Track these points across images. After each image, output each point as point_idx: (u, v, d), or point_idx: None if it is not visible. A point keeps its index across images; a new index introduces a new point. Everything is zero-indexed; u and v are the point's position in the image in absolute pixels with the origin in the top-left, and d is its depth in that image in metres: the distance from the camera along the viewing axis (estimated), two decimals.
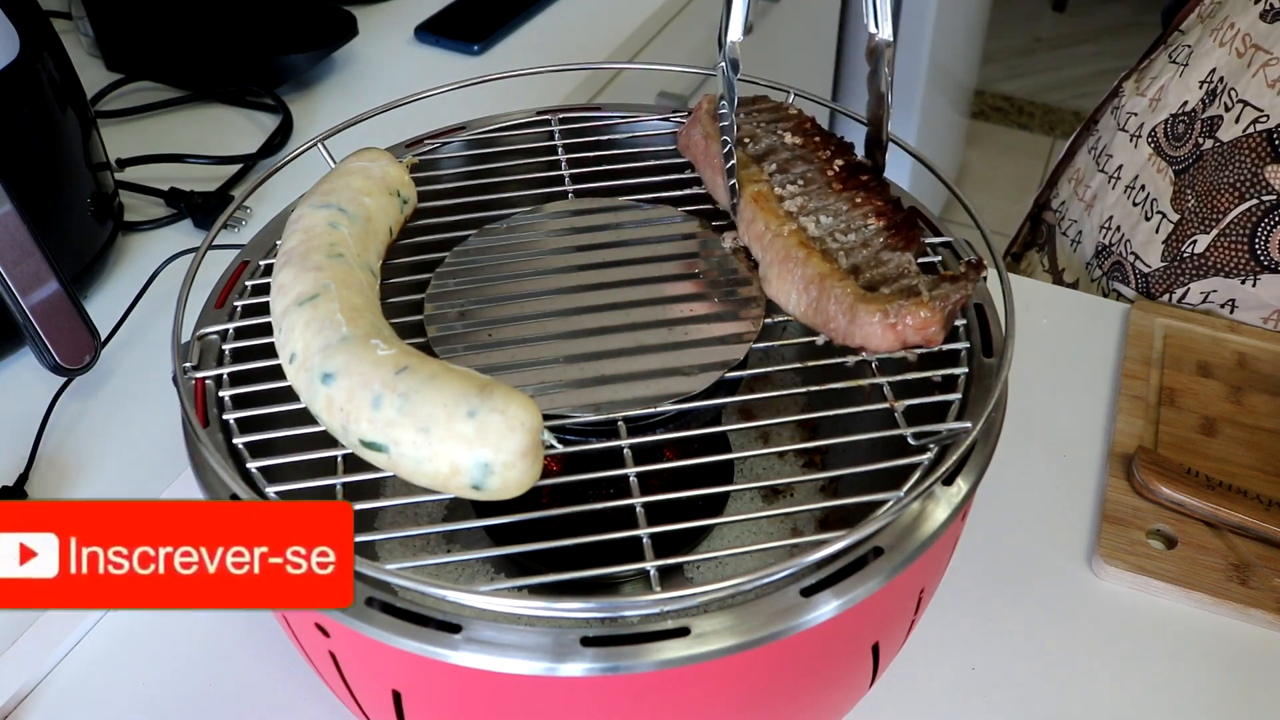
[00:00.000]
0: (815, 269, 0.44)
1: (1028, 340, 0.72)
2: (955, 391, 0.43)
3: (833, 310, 0.43)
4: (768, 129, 0.53)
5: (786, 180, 0.49)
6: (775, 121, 0.53)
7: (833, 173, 0.49)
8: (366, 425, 0.37)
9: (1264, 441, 0.64)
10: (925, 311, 0.42)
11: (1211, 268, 0.75)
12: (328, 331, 0.39)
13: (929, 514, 0.39)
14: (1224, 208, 0.74)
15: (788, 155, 0.51)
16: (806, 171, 0.50)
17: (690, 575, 0.52)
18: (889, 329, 0.42)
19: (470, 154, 0.59)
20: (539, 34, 1.09)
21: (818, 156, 0.51)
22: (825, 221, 0.47)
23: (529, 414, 0.36)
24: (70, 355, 0.66)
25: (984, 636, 0.55)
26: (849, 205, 0.48)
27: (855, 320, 0.43)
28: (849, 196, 0.48)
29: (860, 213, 0.47)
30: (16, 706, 0.52)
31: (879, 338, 0.42)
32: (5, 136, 0.69)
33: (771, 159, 0.50)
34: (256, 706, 0.52)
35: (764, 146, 0.51)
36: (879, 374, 0.44)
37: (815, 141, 0.52)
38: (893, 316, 0.42)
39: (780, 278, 0.46)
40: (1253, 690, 0.53)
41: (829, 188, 0.49)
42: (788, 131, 0.52)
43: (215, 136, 0.92)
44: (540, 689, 0.37)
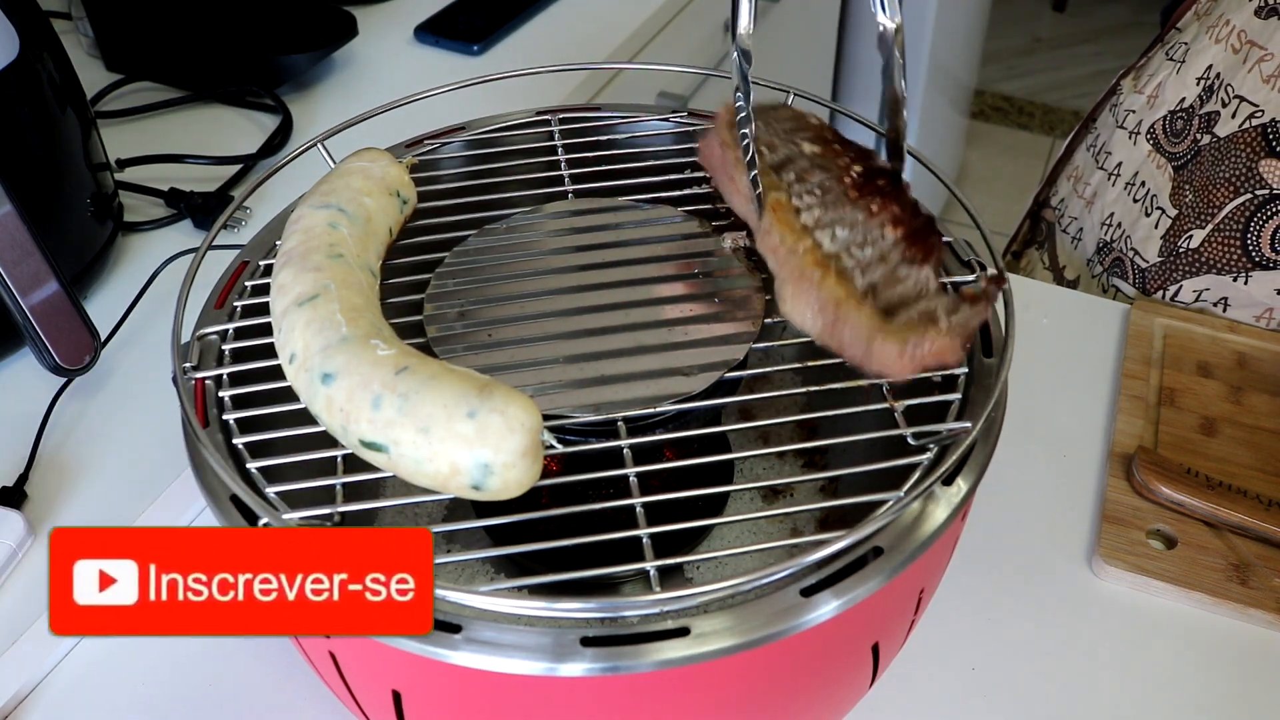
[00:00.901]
0: (831, 292, 0.43)
1: (1028, 340, 0.72)
2: (955, 391, 0.43)
3: (849, 338, 0.43)
4: (786, 138, 0.51)
5: (804, 190, 0.48)
6: (794, 131, 0.52)
7: (850, 179, 0.48)
8: (366, 425, 0.37)
9: (1264, 441, 0.64)
10: (943, 341, 0.41)
11: (1205, 263, 0.75)
12: (328, 332, 0.39)
13: (929, 514, 0.39)
14: (1219, 202, 0.74)
15: (805, 164, 0.49)
16: (824, 180, 0.48)
17: (690, 575, 0.52)
18: (906, 358, 0.41)
19: (470, 154, 0.59)
20: (539, 34, 1.09)
21: (836, 164, 0.49)
22: (841, 235, 0.46)
23: (529, 414, 0.36)
24: (70, 355, 0.66)
25: (984, 636, 0.55)
26: (866, 214, 0.47)
27: (871, 352, 0.42)
28: (865, 205, 0.47)
29: (877, 222, 0.46)
30: (16, 706, 0.52)
31: (897, 368, 0.42)
32: (5, 136, 0.69)
33: (789, 168, 0.49)
34: (256, 706, 0.52)
35: (782, 156, 0.50)
36: None
37: (834, 149, 0.50)
38: (910, 347, 0.41)
39: (795, 297, 0.44)
40: (1253, 690, 0.53)
41: (846, 196, 0.48)
42: (806, 140, 0.51)
43: (215, 136, 0.92)
44: (540, 689, 0.37)
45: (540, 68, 0.62)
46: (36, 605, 0.56)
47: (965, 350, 0.43)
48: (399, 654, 0.35)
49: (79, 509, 0.61)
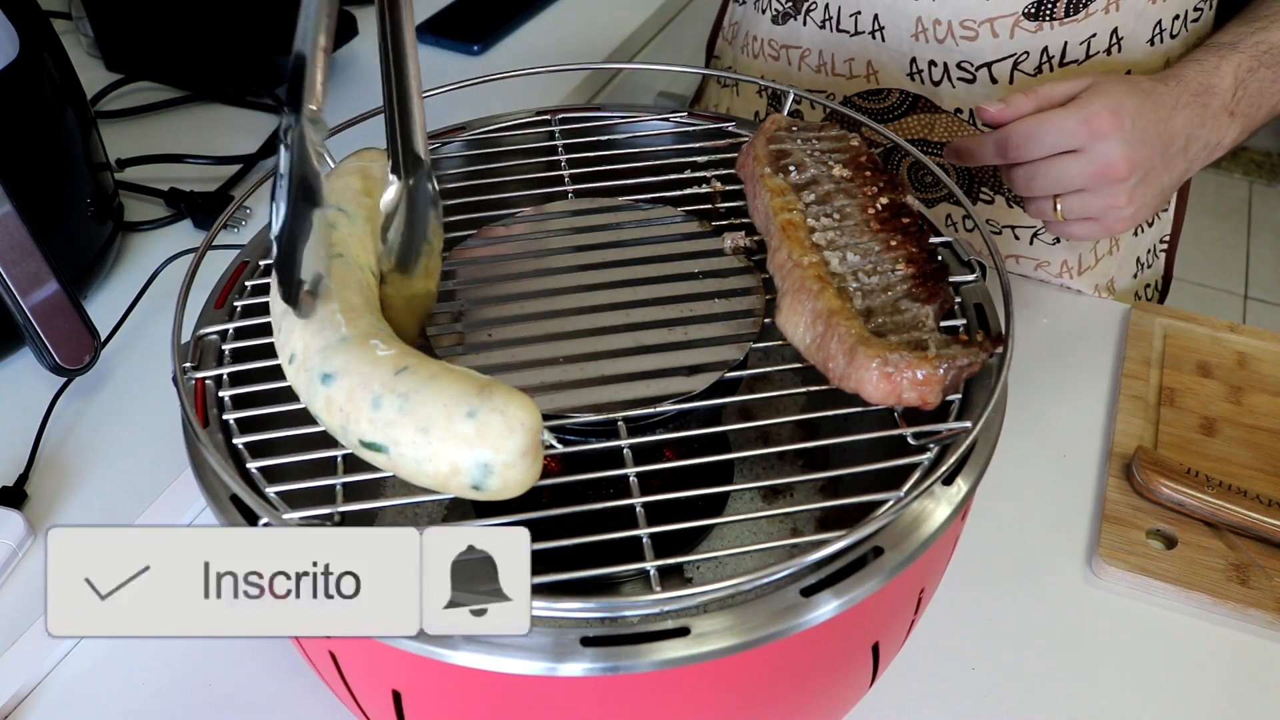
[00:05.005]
0: (826, 304, 0.43)
1: (1028, 340, 0.73)
2: (955, 391, 0.43)
3: (834, 348, 0.42)
4: (818, 159, 0.51)
5: (822, 212, 0.48)
6: (831, 151, 0.52)
7: (873, 211, 0.48)
8: (366, 425, 0.37)
9: (1264, 441, 0.64)
10: (926, 369, 0.40)
11: None
12: (327, 332, 0.39)
13: (929, 514, 0.39)
14: None
15: (830, 188, 0.49)
16: (845, 206, 0.48)
17: (690, 575, 0.52)
18: (885, 378, 0.40)
19: (470, 154, 0.59)
20: (539, 34, 1.10)
21: (862, 192, 0.49)
22: (852, 259, 0.46)
23: (529, 414, 0.36)
24: (70, 355, 0.66)
25: (984, 636, 0.55)
26: (882, 246, 0.46)
27: (853, 362, 0.41)
28: (884, 238, 0.46)
29: (891, 256, 0.46)
30: (17, 706, 0.52)
31: (873, 385, 0.40)
32: (5, 136, 0.69)
33: (812, 189, 0.49)
34: (256, 706, 0.52)
35: (808, 176, 0.50)
36: None
37: (865, 176, 0.50)
38: (890, 366, 0.40)
39: (790, 308, 0.44)
40: (1253, 690, 0.53)
41: (866, 226, 0.47)
42: (840, 163, 0.51)
43: (215, 136, 0.92)
44: (540, 689, 0.37)
45: (540, 68, 0.62)
46: (36, 605, 0.56)
47: (947, 392, 0.41)
48: (399, 654, 0.35)
49: (79, 509, 0.61)
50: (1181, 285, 0.87)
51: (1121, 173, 0.60)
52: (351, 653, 0.40)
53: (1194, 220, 0.87)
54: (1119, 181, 0.61)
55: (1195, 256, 2.13)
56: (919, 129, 0.77)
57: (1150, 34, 0.72)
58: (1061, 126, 0.60)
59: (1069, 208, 0.62)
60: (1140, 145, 0.61)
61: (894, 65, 0.75)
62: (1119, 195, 0.61)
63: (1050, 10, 0.69)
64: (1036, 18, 0.70)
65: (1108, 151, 0.60)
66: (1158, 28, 0.72)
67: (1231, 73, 0.64)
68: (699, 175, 0.56)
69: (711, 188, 0.55)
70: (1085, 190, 0.62)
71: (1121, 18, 0.70)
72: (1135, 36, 0.71)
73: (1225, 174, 2.44)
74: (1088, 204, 0.62)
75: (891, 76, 0.76)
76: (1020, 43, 0.71)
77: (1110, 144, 0.60)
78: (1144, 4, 0.70)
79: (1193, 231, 0.88)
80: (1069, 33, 0.70)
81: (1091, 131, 0.59)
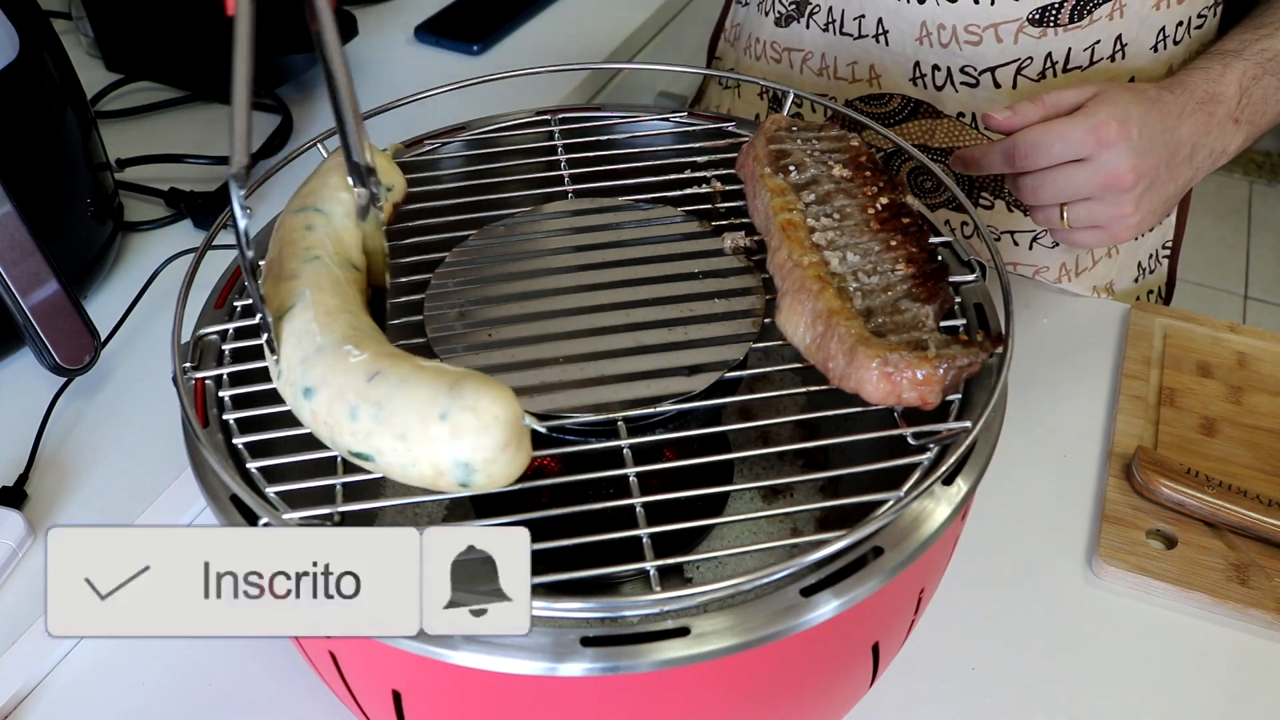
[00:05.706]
0: (826, 304, 0.43)
1: (1028, 340, 0.73)
2: (955, 391, 0.43)
3: (834, 348, 0.42)
4: (818, 159, 0.51)
5: (822, 212, 0.48)
6: (830, 152, 0.52)
7: (873, 211, 0.48)
8: (349, 437, 0.36)
9: (1264, 441, 0.64)
10: (926, 369, 0.40)
11: None
12: (304, 343, 0.38)
13: (929, 514, 0.39)
14: None
15: (831, 188, 0.49)
16: (845, 206, 0.48)
17: (690, 575, 0.52)
18: (885, 378, 0.40)
19: (470, 154, 0.59)
20: (539, 34, 1.10)
21: (862, 192, 0.49)
22: (852, 259, 0.46)
23: (501, 406, 0.35)
24: (70, 355, 0.66)
25: (984, 636, 0.55)
26: (882, 246, 0.46)
27: (853, 362, 0.41)
28: (884, 238, 0.46)
29: (891, 256, 0.46)
30: (17, 707, 0.52)
31: (873, 385, 0.40)
32: (5, 136, 0.69)
33: (812, 189, 0.49)
34: (256, 706, 0.52)
35: (808, 176, 0.50)
36: None
37: (865, 176, 0.50)
38: (891, 366, 0.40)
39: (790, 308, 0.44)
40: (1253, 690, 0.53)
41: (866, 226, 0.47)
42: (840, 164, 0.51)
43: (215, 136, 0.92)
44: (540, 689, 0.37)
45: (540, 68, 0.62)
46: (36, 605, 0.56)
47: (947, 392, 0.41)
48: (399, 654, 0.35)
49: (79, 509, 0.61)
50: (1182, 285, 0.87)
51: (1128, 182, 0.60)
52: (351, 653, 0.40)
53: (1194, 220, 0.87)
54: (1126, 190, 0.61)
55: (1196, 257, 2.13)
56: (920, 134, 0.77)
57: (1154, 40, 0.72)
58: (1069, 135, 0.60)
59: (1075, 216, 0.63)
60: (1147, 154, 0.61)
61: (897, 69, 0.75)
62: (1125, 204, 0.62)
63: (1055, 16, 0.69)
64: (1041, 24, 0.70)
65: (1115, 161, 0.60)
66: (1161, 34, 0.72)
67: (1236, 80, 0.64)
68: (699, 175, 0.56)
69: (711, 188, 0.55)
70: (1092, 199, 0.62)
71: (1126, 24, 0.70)
72: (1139, 43, 0.71)
73: (1225, 174, 2.44)
74: (1094, 212, 0.62)
75: (894, 81, 0.76)
76: (1024, 48, 0.71)
77: (1117, 153, 0.60)
78: (1148, 10, 0.70)
79: (1193, 232, 0.88)
80: (1073, 39, 0.70)
81: (1099, 140, 0.60)
